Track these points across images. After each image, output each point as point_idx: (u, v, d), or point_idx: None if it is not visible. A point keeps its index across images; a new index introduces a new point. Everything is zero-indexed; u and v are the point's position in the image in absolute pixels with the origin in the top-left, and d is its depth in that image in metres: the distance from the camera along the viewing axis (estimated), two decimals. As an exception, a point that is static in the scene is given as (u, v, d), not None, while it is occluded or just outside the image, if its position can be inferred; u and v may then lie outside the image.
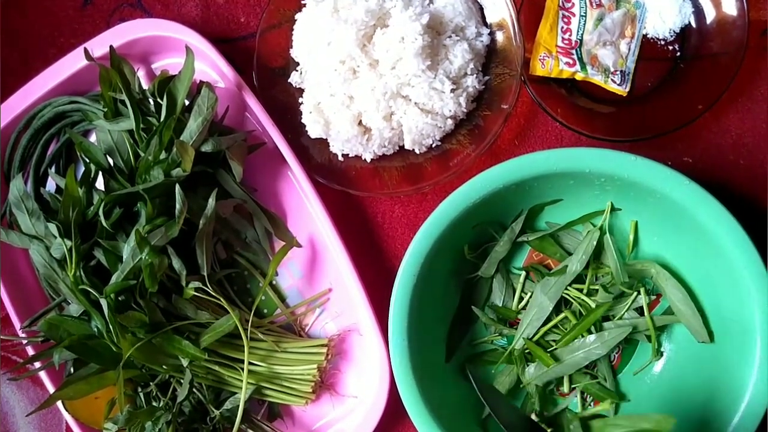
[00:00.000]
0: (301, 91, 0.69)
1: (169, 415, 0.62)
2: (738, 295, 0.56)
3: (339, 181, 0.66)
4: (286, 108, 0.68)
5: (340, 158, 0.67)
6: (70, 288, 0.59)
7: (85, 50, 0.66)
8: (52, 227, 0.59)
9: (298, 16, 0.68)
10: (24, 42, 0.75)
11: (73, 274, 0.58)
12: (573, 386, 0.64)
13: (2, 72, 0.74)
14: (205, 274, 0.62)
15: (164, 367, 0.62)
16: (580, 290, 0.62)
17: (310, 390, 0.65)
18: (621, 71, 0.65)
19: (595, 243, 0.61)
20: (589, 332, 0.61)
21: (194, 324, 0.62)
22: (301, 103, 0.68)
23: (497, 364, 0.65)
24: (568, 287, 0.62)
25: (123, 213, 0.61)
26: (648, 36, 0.66)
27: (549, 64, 0.65)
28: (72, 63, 0.68)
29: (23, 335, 0.67)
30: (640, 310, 0.62)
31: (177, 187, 0.59)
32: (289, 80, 0.69)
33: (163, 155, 0.61)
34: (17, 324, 0.68)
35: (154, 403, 0.64)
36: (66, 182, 0.60)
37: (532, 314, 0.63)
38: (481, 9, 0.66)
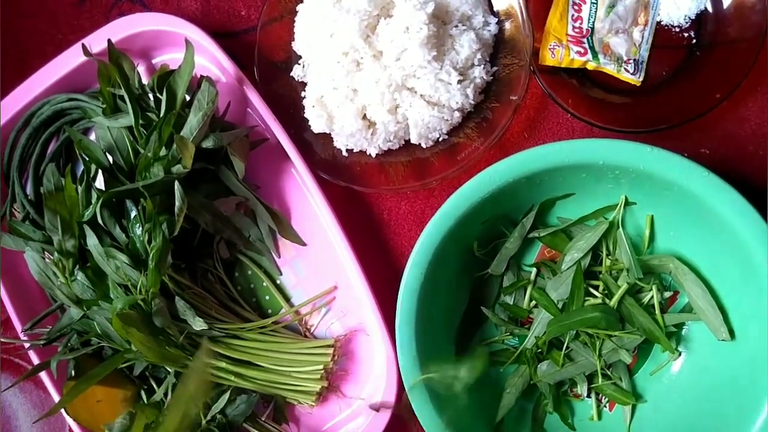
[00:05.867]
0: (303, 85, 0.68)
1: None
2: (759, 290, 0.54)
3: (343, 177, 0.65)
4: (288, 102, 0.67)
5: (345, 153, 0.66)
6: (67, 294, 0.58)
7: (83, 46, 0.65)
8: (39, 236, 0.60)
9: (299, 7, 0.67)
10: (22, 39, 0.74)
11: (68, 279, 0.58)
12: (590, 386, 0.62)
13: (0, 70, 0.73)
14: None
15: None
16: (596, 287, 0.61)
17: (317, 392, 0.64)
18: (634, 60, 0.64)
19: (600, 234, 0.60)
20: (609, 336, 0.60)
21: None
22: (304, 97, 0.67)
23: (508, 365, 0.63)
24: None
25: (123, 212, 0.60)
26: (662, 23, 0.65)
27: (559, 54, 0.63)
28: (70, 59, 0.67)
29: (25, 338, 0.66)
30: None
31: (176, 183, 0.58)
32: (291, 74, 0.68)
33: (163, 152, 0.60)
34: (18, 327, 0.67)
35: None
36: (64, 183, 0.59)
37: (545, 313, 0.61)
38: (489, -3, 0.65)
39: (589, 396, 0.63)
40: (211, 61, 0.68)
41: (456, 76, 0.61)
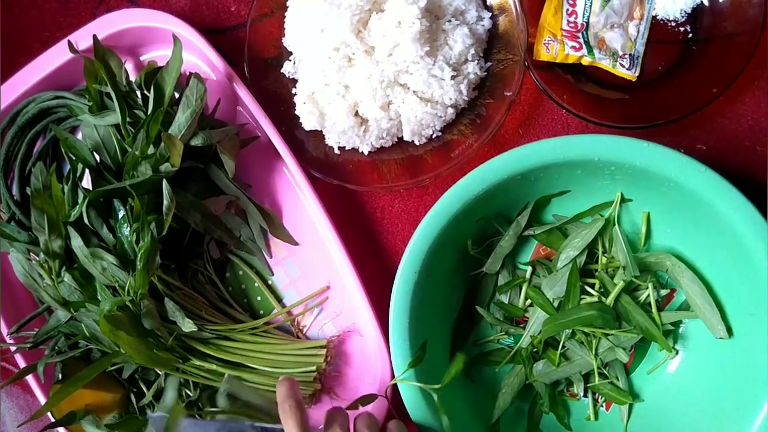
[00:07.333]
0: (294, 81, 0.66)
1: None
2: (758, 288, 0.53)
3: (336, 176, 0.64)
4: (279, 99, 0.66)
5: (337, 151, 0.65)
6: (53, 296, 0.57)
7: (69, 42, 0.63)
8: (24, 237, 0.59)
9: (290, 3, 0.66)
10: (8, 37, 0.73)
11: (55, 280, 0.57)
12: (586, 386, 0.62)
13: (-13, 68, 0.72)
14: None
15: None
16: (592, 285, 0.60)
17: (310, 394, 0.63)
18: (630, 55, 0.63)
19: (596, 231, 0.59)
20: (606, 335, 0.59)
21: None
22: (295, 94, 0.66)
23: (503, 364, 0.62)
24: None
25: (110, 212, 0.59)
26: (658, 17, 0.64)
27: (554, 49, 0.62)
28: (56, 57, 0.66)
29: (11, 341, 0.65)
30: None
31: (164, 182, 0.56)
32: (282, 70, 0.67)
33: (151, 150, 0.59)
34: (4, 329, 0.66)
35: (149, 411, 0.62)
36: (51, 182, 0.58)
37: (540, 311, 0.60)
38: (482, -9, 0.64)
39: (585, 395, 0.62)
40: (200, 57, 0.67)
41: (449, 71, 0.60)
